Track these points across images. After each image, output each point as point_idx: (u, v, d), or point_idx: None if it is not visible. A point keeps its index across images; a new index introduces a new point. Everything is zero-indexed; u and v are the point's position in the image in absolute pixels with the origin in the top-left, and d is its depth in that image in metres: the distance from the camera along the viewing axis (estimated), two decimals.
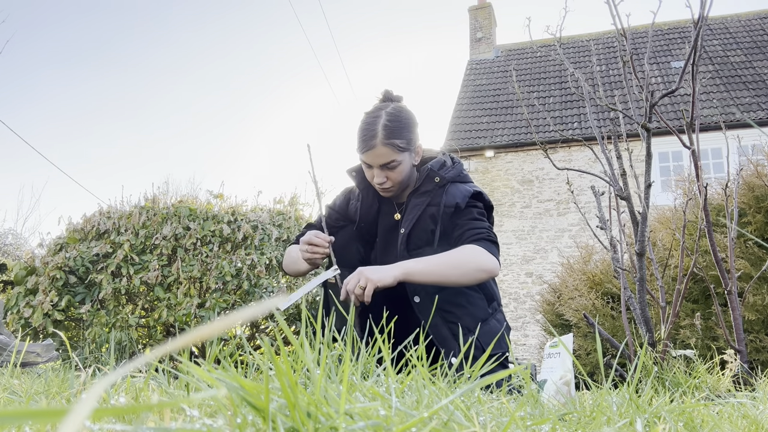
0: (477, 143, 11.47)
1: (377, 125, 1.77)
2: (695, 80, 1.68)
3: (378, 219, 1.94)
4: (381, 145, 1.75)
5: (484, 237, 1.75)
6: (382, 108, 1.83)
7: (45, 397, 0.90)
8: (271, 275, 5.42)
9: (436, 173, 1.83)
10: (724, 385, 1.40)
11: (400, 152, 1.78)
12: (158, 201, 5.73)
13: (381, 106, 1.85)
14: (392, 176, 1.80)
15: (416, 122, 1.86)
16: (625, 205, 1.87)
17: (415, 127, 1.85)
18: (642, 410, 0.73)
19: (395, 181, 1.81)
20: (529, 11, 23.80)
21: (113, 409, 0.30)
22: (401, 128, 1.78)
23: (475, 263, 1.66)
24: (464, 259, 1.66)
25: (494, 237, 1.79)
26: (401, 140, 1.77)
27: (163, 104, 36.01)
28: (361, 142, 1.78)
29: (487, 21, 15.00)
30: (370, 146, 1.76)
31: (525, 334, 10.22)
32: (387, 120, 1.78)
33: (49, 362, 3.04)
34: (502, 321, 1.82)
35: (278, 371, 0.45)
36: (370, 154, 1.77)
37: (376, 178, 1.80)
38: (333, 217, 1.98)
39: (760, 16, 13.71)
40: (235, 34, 35.30)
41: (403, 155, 1.79)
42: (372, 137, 1.76)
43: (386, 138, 1.75)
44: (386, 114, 1.79)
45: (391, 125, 1.77)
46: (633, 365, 0.84)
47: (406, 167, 1.81)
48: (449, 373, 0.84)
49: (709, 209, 1.86)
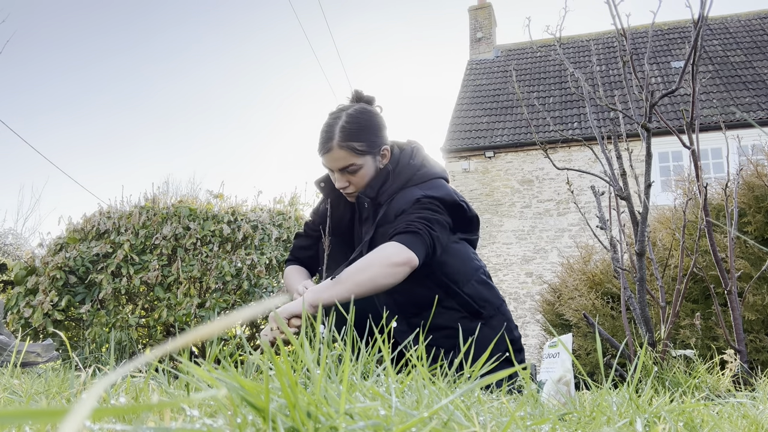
0: (477, 143, 11.46)
1: (335, 127, 1.70)
2: (695, 80, 1.68)
3: (352, 227, 1.88)
4: (337, 147, 1.69)
5: (401, 231, 1.59)
6: (345, 109, 1.75)
7: (45, 397, 0.90)
8: (271, 275, 5.42)
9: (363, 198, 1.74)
10: (724, 385, 1.40)
11: (359, 156, 1.70)
12: (158, 201, 5.73)
13: (345, 107, 1.77)
14: (354, 180, 1.74)
15: (381, 124, 1.78)
16: (625, 205, 1.87)
17: (378, 130, 1.76)
18: (642, 410, 0.73)
19: (358, 185, 1.74)
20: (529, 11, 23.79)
21: (113, 409, 0.30)
22: (360, 130, 1.71)
23: (377, 262, 1.51)
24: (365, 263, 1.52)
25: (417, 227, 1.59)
26: (360, 143, 1.70)
27: (164, 104, 36.01)
28: (319, 144, 1.72)
29: (487, 21, 15.00)
30: (326, 149, 1.70)
31: (525, 334, 10.21)
32: (345, 122, 1.70)
33: (49, 362, 3.04)
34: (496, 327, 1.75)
35: (278, 371, 0.45)
36: (328, 157, 1.71)
37: (337, 182, 1.75)
38: (317, 223, 1.94)
39: (760, 16, 13.70)
40: (235, 34, 35.30)
41: (364, 158, 1.72)
42: (329, 139, 1.70)
43: (343, 140, 1.69)
44: (346, 116, 1.72)
45: (350, 127, 1.70)
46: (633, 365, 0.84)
47: (368, 171, 1.73)
48: (449, 374, 0.84)
49: (709, 209, 1.86)
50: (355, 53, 37.15)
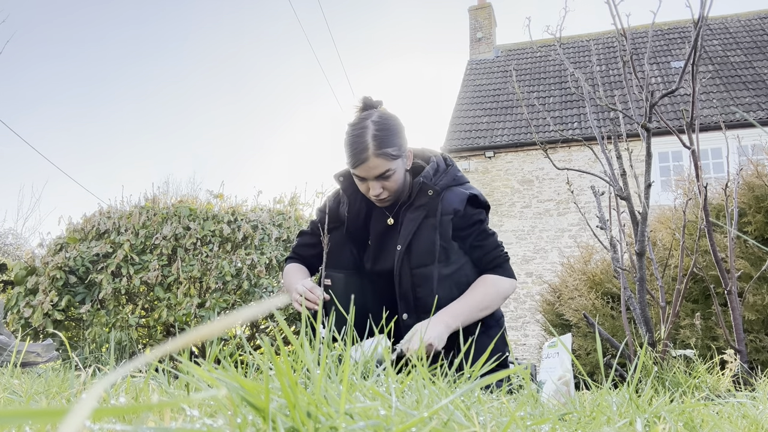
0: (477, 143, 11.46)
1: (366, 137, 1.70)
2: (695, 80, 1.68)
3: (368, 223, 1.90)
4: (374, 156, 1.69)
5: (501, 261, 1.81)
6: (367, 117, 1.76)
7: (45, 397, 0.90)
8: (271, 275, 5.42)
9: (429, 186, 1.77)
10: (724, 385, 1.40)
11: (393, 160, 1.72)
12: (158, 201, 5.73)
13: (365, 115, 1.77)
14: (388, 186, 1.75)
15: (403, 126, 1.80)
16: (625, 205, 1.87)
17: (403, 132, 1.79)
18: (642, 410, 0.73)
19: (392, 190, 1.76)
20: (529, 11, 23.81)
21: (113, 409, 0.30)
22: (391, 136, 1.72)
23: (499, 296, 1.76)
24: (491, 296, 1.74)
25: (506, 254, 1.84)
26: (393, 148, 1.72)
27: (164, 104, 36.02)
28: (352, 157, 1.71)
29: (487, 21, 15.01)
30: (362, 160, 1.70)
31: (525, 334, 10.22)
32: (376, 130, 1.71)
33: (49, 362, 3.04)
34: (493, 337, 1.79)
35: (278, 371, 0.45)
36: (363, 167, 1.71)
37: (372, 190, 1.75)
38: (324, 220, 1.95)
39: (760, 16, 13.70)
40: (235, 34, 35.31)
41: (397, 162, 1.74)
42: (363, 150, 1.69)
43: (378, 148, 1.69)
44: (373, 123, 1.73)
45: (381, 134, 1.71)
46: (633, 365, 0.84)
47: (400, 175, 1.76)
48: (449, 374, 0.84)
49: (709, 209, 1.86)
50: (355, 53, 37.18)
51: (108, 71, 31.63)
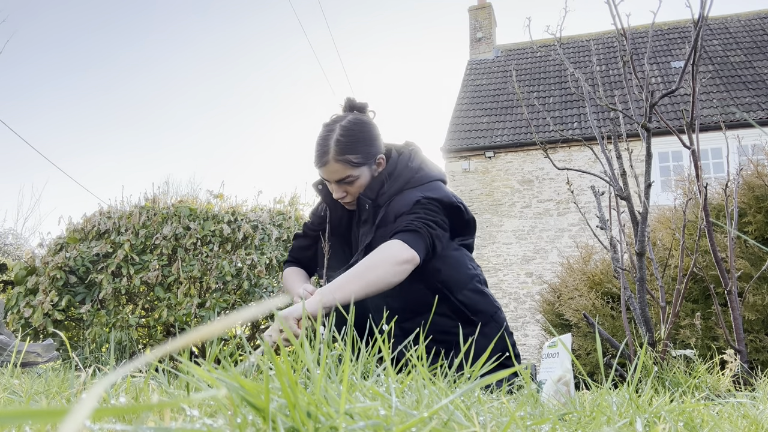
0: (477, 143, 11.47)
1: (330, 141, 1.71)
2: (695, 80, 1.68)
3: (352, 226, 1.89)
4: (333, 161, 1.70)
5: (401, 230, 1.61)
6: (338, 120, 1.75)
7: (45, 397, 0.90)
8: (271, 275, 5.42)
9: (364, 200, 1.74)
10: (724, 385, 1.40)
11: (355, 167, 1.72)
12: (158, 201, 5.73)
13: (338, 118, 1.78)
14: (351, 191, 1.75)
15: (374, 134, 1.78)
16: (625, 205, 1.87)
17: (372, 140, 1.76)
18: (642, 410, 0.73)
19: (354, 195, 1.76)
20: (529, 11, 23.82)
21: (113, 409, 0.30)
22: (355, 143, 1.71)
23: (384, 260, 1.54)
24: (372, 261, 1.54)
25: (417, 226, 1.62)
26: (355, 155, 1.71)
27: (164, 104, 36.04)
28: (315, 158, 1.73)
29: (487, 21, 15.01)
30: (322, 162, 1.71)
31: (525, 334, 10.22)
32: (340, 135, 1.71)
33: (49, 362, 3.04)
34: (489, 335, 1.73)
35: (278, 371, 0.45)
36: (324, 170, 1.72)
37: (334, 193, 1.77)
38: (315, 222, 1.97)
39: (760, 16, 13.70)
40: (234, 33, 35.32)
41: (360, 170, 1.73)
42: (324, 153, 1.71)
43: (339, 154, 1.69)
44: (340, 128, 1.72)
45: (344, 140, 1.70)
46: (633, 365, 0.84)
47: (364, 181, 1.75)
48: (449, 374, 0.84)
49: (709, 209, 1.86)
50: (355, 53, 37.18)
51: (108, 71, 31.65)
